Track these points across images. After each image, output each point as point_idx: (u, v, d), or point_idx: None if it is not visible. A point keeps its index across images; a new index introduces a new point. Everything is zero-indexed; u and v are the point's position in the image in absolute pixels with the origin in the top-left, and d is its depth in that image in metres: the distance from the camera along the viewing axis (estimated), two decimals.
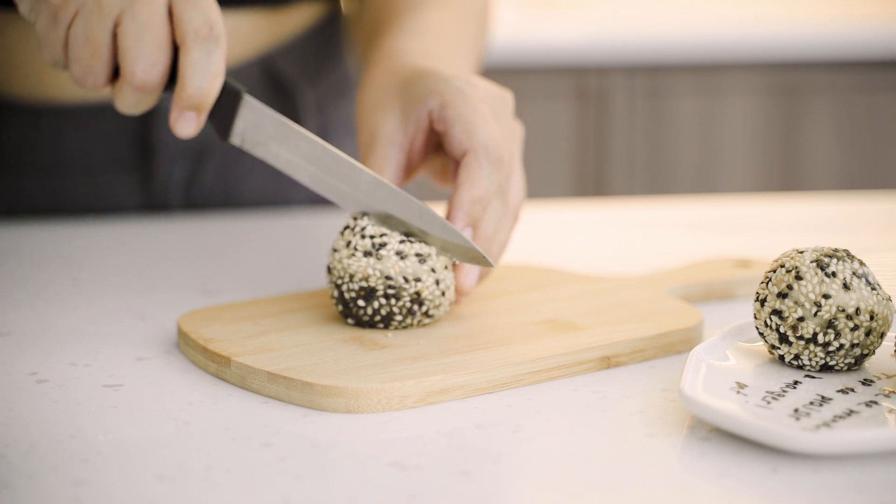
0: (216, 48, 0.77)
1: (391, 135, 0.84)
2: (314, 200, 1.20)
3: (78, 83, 0.79)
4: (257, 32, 1.12)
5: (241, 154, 1.14)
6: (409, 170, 0.85)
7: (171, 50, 0.77)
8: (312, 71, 1.17)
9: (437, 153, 0.87)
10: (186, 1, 0.76)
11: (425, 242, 0.80)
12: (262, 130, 0.81)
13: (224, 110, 0.80)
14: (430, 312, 0.79)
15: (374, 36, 1.00)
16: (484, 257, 0.80)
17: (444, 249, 0.80)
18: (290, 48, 1.15)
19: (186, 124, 0.78)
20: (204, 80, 0.77)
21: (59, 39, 0.78)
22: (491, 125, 0.82)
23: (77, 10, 0.76)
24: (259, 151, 0.81)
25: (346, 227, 0.80)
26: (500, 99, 0.85)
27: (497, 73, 2.37)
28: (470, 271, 0.81)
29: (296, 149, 0.81)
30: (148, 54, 0.76)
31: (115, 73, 0.79)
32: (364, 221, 0.80)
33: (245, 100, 0.80)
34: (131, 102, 0.78)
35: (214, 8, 0.77)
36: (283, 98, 1.15)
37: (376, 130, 0.85)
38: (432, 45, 0.94)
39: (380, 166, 0.83)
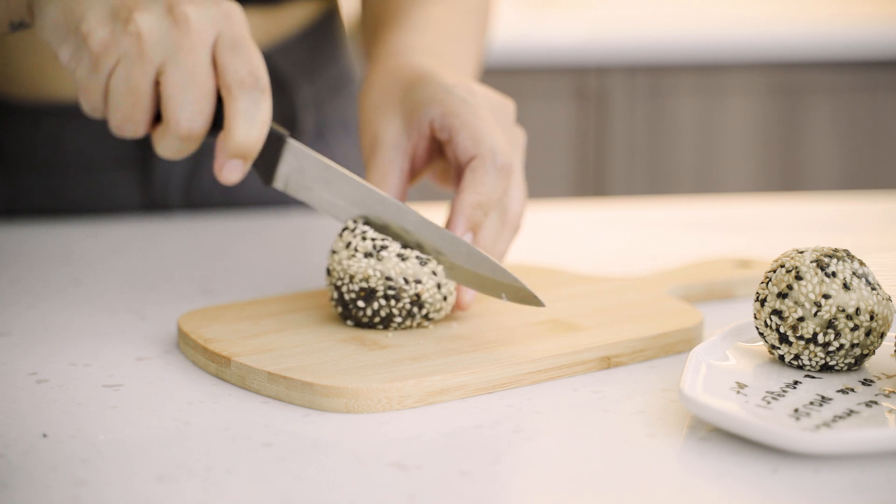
0: (262, 97, 0.77)
1: (395, 140, 0.84)
2: None
3: (116, 131, 0.79)
4: (254, 30, 1.12)
5: None
6: (413, 174, 0.85)
7: (216, 98, 0.77)
8: (309, 68, 1.17)
9: (440, 157, 0.87)
10: (231, 49, 0.76)
11: (458, 275, 0.79)
12: (306, 174, 0.80)
13: (267, 155, 0.80)
14: (430, 315, 0.79)
15: (378, 30, 1.00)
16: (535, 297, 0.78)
17: (492, 290, 0.79)
18: (287, 46, 1.15)
19: (232, 172, 0.78)
20: (251, 128, 0.77)
21: (99, 87, 0.77)
22: (497, 132, 0.82)
23: (119, 58, 0.76)
24: (303, 195, 0.81)
25: (345, 229, 0.80)
26: (501, 106, 0.85)
27: (497, 73, 2.37)
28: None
29: (339, 192, 0.81)
30: (193, 103, 0.76)
31: (154, 120, 0.79)
32: (364, 226, 0.80)
33: (289, 144, 0.80)
34: (174, 149, 0.79)
35: (258, 56, 0.77)
36: (281, 96, 1.15)
37: (379, 135, 0.85)
38: (435, 41, 0.94)
39: (384, 172, 0.83)
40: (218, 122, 0.78)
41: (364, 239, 0.79)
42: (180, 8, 0.76)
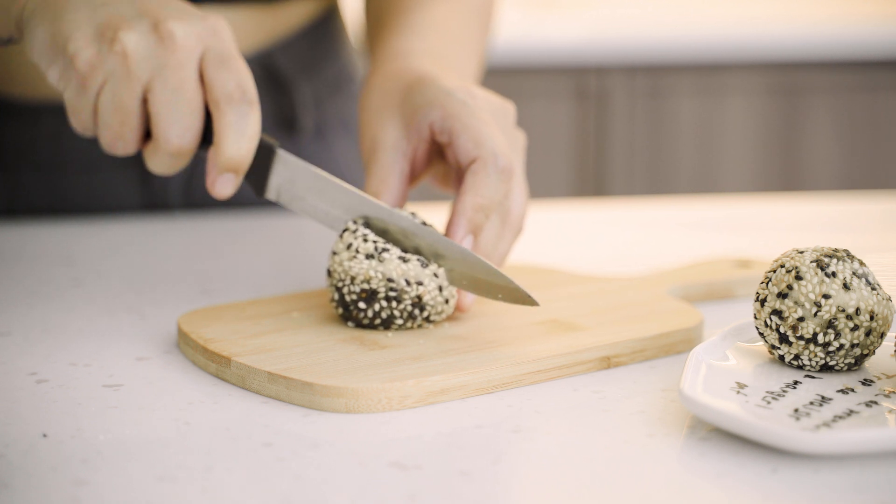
0: (251, 110, 0.78)
1: (395, 143, 0.84)
2: None
3: (108, 149, 0.79)
4: (255, 28, 1.12)
5: None
6: (413, 177, 0.85)
7: (204, 113, 0.78)
8: (310, 66, 1.17)
9: (440, 159, 0.87)
10: (218, 64, 0.77)
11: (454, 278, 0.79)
12: (298, 184, 0.81)
13: (258, 167, 0.81)
14: (432, 318, 0.79)
15: (380, 31, 1.00)
16: (529, 297, 0.78)
17: (488, 292, 0.79)
18: (287, 44, 1.15)
19: (225, 186, 0.79)
20: (241, 141, 0.78)
21: (88, 107, 0.78)
22: (497, 134, 0.82)
23: (106, 77, 0.77)
24: (295, 206, 0.82)
25: (346, 230, 0.80)
26: (501, 109, 0.85)
27: (497, 73, 2.37)
28: None
29: (332, 201, 0.81)
30: (181, 119, 0.77)
31: (144, 138, 0.80)
32: (365, 228, 0.80)
33: (279, 155, 0.81)
34: (165, 165, 0.80)
35: (246, 70, 0.78)
36: (281, 93, 1.15)
37: (379, 138, 0.85)
38: (436, 44, 0.94)
39: (385, 175, 0.84)
40: (208, 136, 0.79)
41: (366, 240, 0.79)
42: (166, 25, 0.77)
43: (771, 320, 0.73)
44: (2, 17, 0.81)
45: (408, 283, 0.78)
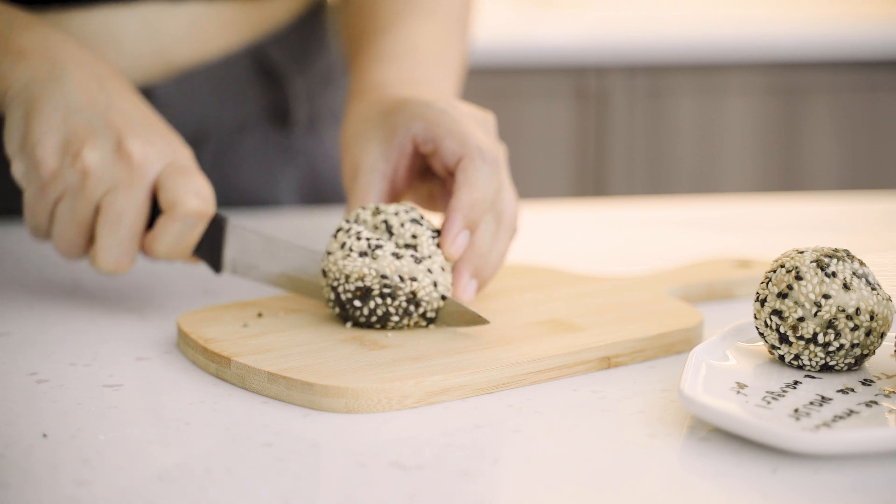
0: (199, 223, 0.82)
1: (373, 164, 0.85)
2: (309, 200, 1.20)
3: (61, 254, 0.84)
4: (246, 21, 1.12)
5: (235, 143, 1.15)
6: (393, 197, 0.86)
7: (142, 237, 0.83)
8: (301, 59, 1.18)
9: (422, 180, 0.87)
10: (177, 174, 0.81)
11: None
12: (250, 252, 0.84)
13: (212, 244, 0.84)
14: (428, 314, 0.79)
15: (358, 55, 1.00)
16: (479, 316, 0.79)
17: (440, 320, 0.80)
18: (279, 37, 1.15)
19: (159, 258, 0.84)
20: (174, 250, 0.83)
21: (44, 212, 0.83)
22: (480, 132, 0.83)
23: (65, 189, 0.81)
24: (252, 275, 0.85)
25: (339, 230, 0.80)
26: (482, 119, 0.86)
27: (496, 73, 2.37)
28: (467, 286, 0.81)
29: (283, 262, 0.84)
30: (117, 246, 0.82)
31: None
32: (357, 226, 0.80)
33: (229, 229, 0.84)
34: (105, 273, 0.84)
35: (206, 183, 0.82)
36: (273, 87, 1.15)
37: (358, 161, 0.85)
38: (414, 70, 0.95)
39: (363, 195, 0.84)
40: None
41: (359, 239, 0.79)
42: (126, 144, 0.81)
43: (771, 320, 0.73)
44: None
45: (401, 279, 0.78)
